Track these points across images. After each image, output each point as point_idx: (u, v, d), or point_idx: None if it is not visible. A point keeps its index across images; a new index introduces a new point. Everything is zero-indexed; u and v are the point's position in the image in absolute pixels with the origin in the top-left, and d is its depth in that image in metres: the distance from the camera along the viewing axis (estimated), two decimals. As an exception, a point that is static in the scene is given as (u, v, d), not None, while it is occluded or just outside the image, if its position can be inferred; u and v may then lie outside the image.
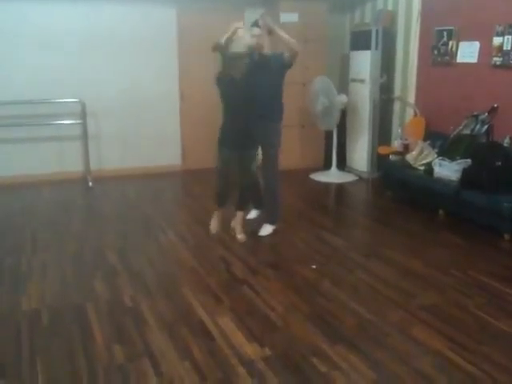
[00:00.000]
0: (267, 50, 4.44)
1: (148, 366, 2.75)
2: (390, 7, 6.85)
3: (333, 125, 6.69)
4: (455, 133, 5.56)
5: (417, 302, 3.46)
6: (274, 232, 4.69)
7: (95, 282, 3.78)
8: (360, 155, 6.98)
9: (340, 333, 3.09)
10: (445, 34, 5.89)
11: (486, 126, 5.35)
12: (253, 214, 5.05)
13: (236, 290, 3.66)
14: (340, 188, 6.66)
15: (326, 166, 7.16)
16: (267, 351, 2.89)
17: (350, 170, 7.14)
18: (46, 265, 4.11)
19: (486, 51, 5.40)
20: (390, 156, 6.22)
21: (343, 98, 6.68)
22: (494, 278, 3.82)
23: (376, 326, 3.17)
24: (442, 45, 5.95)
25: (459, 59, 5.77)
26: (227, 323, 3.19)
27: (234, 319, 3.24)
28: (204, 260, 4.21)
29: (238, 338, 3.03)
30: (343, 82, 7.34)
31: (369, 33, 6.54)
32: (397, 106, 6.93)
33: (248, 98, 4.29)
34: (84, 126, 6.53)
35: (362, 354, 2.85)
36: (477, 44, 5.52)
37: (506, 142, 5.09)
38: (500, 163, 4.77)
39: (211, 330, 3.12)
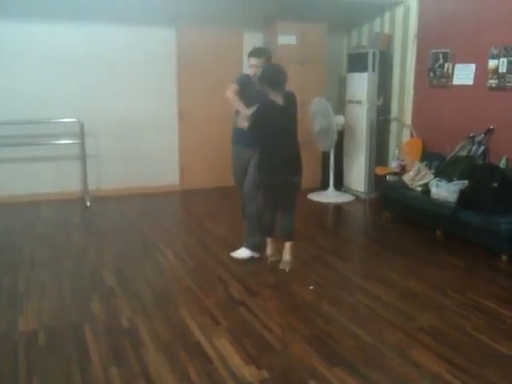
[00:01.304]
0: None
1: (145, 389, 2.73)
2: (386, 30, 6.94)
3: (331, 146, 6.73)
4: (452, 154, 5.60)
5: (415, 324, 3.44)
6: (272, 254, 4.64)
7: (92, 303, 3.76)
8: (357, 175, 7.01)
9: (338, 355, 3.08)
10: (441, 56, 5.96)
11: (482, 148, 5.40)
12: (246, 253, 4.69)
13: (234, 311, 3.65)
14: (337, 208, 6.67)
15: (324, 186, 7.18)
16: (265, 373, 2.87)
17: (347, 191, 7.16)
18: (44, 284, 4.10)
19: (481, 73, 5.47)
20: (387, 176, 6.26)
21: (341, 119, 6.74)
22: (492, 300, 3.81)
23: (374, 348, 3.16)
24: (438, 67, 6.02)
25: (455, 81, 5.84)
26: (224, 345, 3.17)
27: (232, 341, 3.22)
28: (202, 281, 4.19)
29: (236, 359, 3.01)
30: (341, 104, 7.41)
31: (366, 55, 6.63)
32: (394, 128, 6.98)
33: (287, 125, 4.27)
34: (82, 145, 6.55)
35: (360, 377, 2.83)
36: (472, 66, 5.59)
37: (502, 164, 5.13)
38: (496, 184, 4.79)
39: (208, 351, 3.10)
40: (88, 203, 6.47)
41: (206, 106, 7.07)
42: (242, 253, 4.61)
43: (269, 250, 4.57)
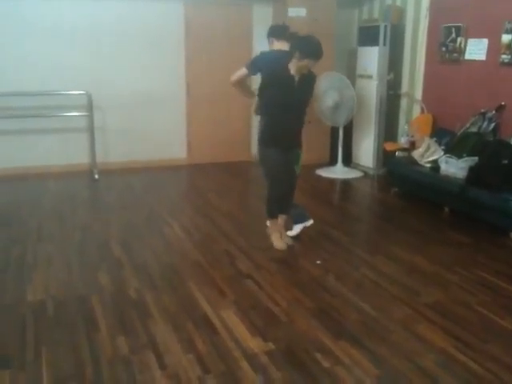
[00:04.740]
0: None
1: (152, 358, 2.76)
2: (398, 3, 6.82)
3: (344, 121, 6.68)
4: (462, 130, 5.54)
5: (421, 299, 3.45)
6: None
7: (100, 274, 3.80)
8: (366, 151, 6.97)
9: (344, 328, 3.09)
10: (453, 30, 5.86)
11: (493, 124, 5.33)
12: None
13: (240, 284, 3.67)
14: (346, 184, 6.65)
15: (332, 161, 7.15)
16: (270, 345, 2.89)
17: (356, 166, 7.12)
18: (52, 256, 4.13)
19: (494, 49, 5.37)
20: (396, 152, 6.21)
21: (350, 94, 6.68)
22: (499, 277, 3.81)
23: (380, 322, 3.17)
24: (450, 42, 5.92)
25: (467, 56, 5.74)
26: (231, 317, 3.20)
27: (238, 313, 3.24)
28: (208, 253, 4.22)
29: (242, 331, 3.03)
30: (350, 78, 7.31)
31: (377, 28, 6.52)
32: (404, 103, 6.91)
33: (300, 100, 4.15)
34: (90, 118, 6.54)
35: (365, 350, 2.85)
36: (485, 41, 5.49)
37: (512, 141, 5.07)
38: (506, 161, 4.75)
39: (215, 323, 3.13)
40: (96, 176, 6.48)
41: (213, 80, 7.01)
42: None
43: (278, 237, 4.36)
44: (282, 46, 4.42)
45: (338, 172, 6.90)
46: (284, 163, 4.15)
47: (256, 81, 4.33)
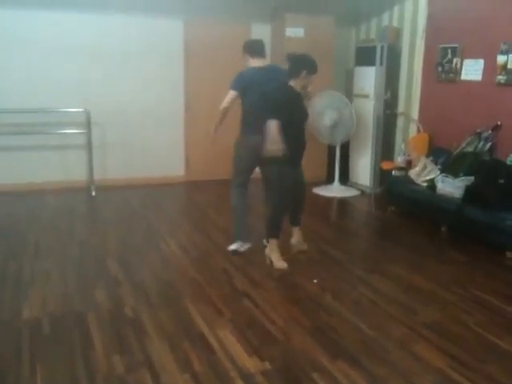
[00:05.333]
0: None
1: (147, 378, 2.74)
2: (395, 23, 6.90)
3: (342, 140, 6.72)
4: (458, 150, 5.58)
5: (418, 318, 3.44)
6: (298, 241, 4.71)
7: (97, 291, 3.78)
8: (363, 170, 6.99)
9: (341, 348, 3.08)
10: (449, 51, 5.93)
11: (489, 144, 5.37)
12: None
13: (237, 303, 3.66)
14: (342, 202, 6.66)
15: (329, 180, 7.17)
16: (267, 365, 2.87)
17: (353, 185, 7.14)
18: (48, 272, 4.12)
19: (490, 69, 5.43)
20: (393, 171, 6.23)
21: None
22: (496, 296, 3.81)
23: (377, 341, 3.16)
24: (447, 62, 5.99)
25: (463, 77, 5.80)
26: (227, 336, 3.18)
27: (234, 332, 3.23)
28: (205, 271, 4.21)
29: (238, 350, 3.02)
30: (347, 98, 7.36)
31: (374, 49, 6.58)
32: (400, 122, 6.96)
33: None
34: (88, 135, 6.56)
35: (362, 370, 2.84)
36: (481, 62, 5.55)
37: (509, 160, 5.10)
38: (503, 181, 4.77)
39: (211, 342, 3.11)
40: (93, 193, 6.48)
41: (212, 97, 6.99)
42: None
43: (295, 239, 4.65)
44: (257, 63, 4.45)
45: (335, 190, 6.91)
46: (294, 179, 4.22)
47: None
